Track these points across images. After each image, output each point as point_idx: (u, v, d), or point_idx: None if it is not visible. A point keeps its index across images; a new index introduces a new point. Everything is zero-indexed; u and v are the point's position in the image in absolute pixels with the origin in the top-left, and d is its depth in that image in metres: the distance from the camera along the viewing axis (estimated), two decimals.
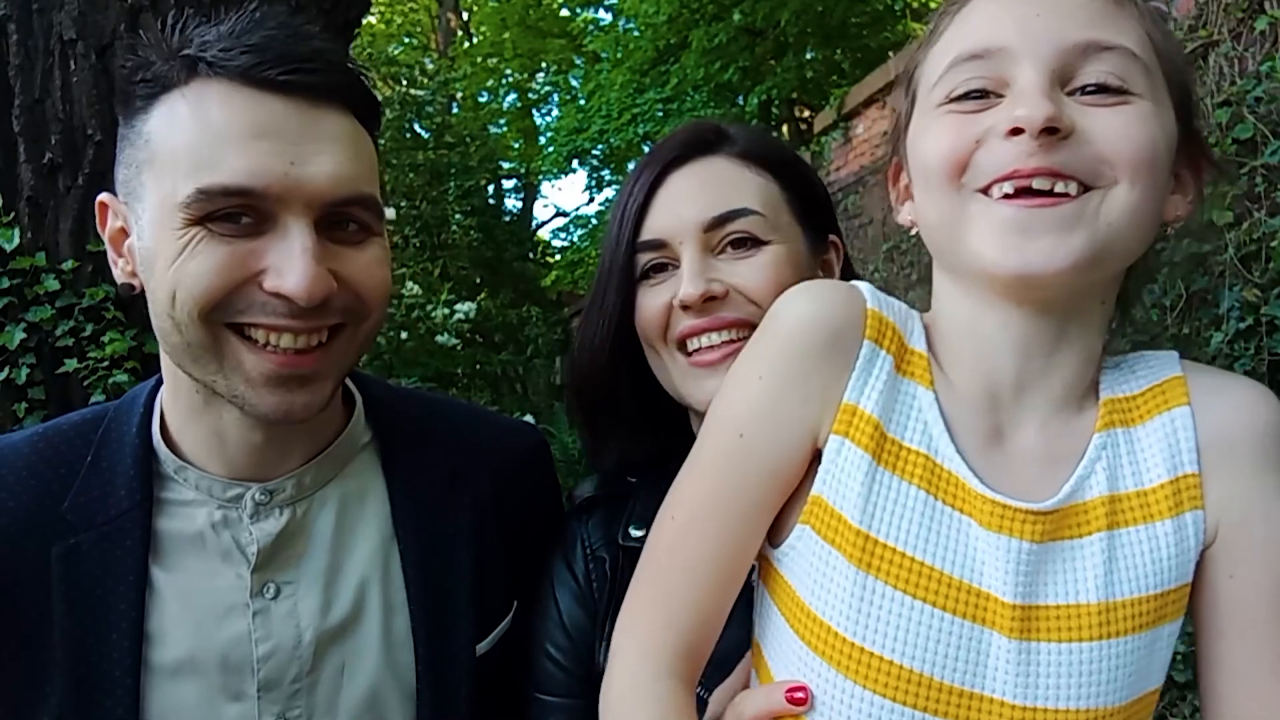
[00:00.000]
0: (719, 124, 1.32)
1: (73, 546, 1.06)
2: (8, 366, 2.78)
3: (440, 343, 10.89)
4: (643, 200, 1.24)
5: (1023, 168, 0.76)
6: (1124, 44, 0.80)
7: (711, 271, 1.20)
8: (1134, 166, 0.78)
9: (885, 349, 0.87)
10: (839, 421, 0.85)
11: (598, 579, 1.23)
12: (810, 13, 11.92)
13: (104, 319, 2.87)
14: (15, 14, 2.84)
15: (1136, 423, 0.87)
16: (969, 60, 0.82)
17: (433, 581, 1.19)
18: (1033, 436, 0.86)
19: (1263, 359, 4.16)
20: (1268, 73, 4.28)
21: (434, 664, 1.17)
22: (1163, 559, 0.83)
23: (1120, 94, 0.79)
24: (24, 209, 2.84)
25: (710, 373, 1.19)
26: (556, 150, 15.46)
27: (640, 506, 1.25)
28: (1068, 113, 0.78)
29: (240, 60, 1.00)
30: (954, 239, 0.83)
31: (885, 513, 0.83)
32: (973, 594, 0.80)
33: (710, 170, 1.24)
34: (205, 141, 1.00)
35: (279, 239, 1.01)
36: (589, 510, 1.29)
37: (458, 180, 14.08)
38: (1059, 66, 0.79)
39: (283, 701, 1.10)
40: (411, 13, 21.14)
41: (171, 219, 1.01)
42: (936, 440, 0.85)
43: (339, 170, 1.03)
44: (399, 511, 1.21)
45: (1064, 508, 0.84)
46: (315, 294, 1.00)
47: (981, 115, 0.81)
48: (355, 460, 1.23)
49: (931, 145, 0.84)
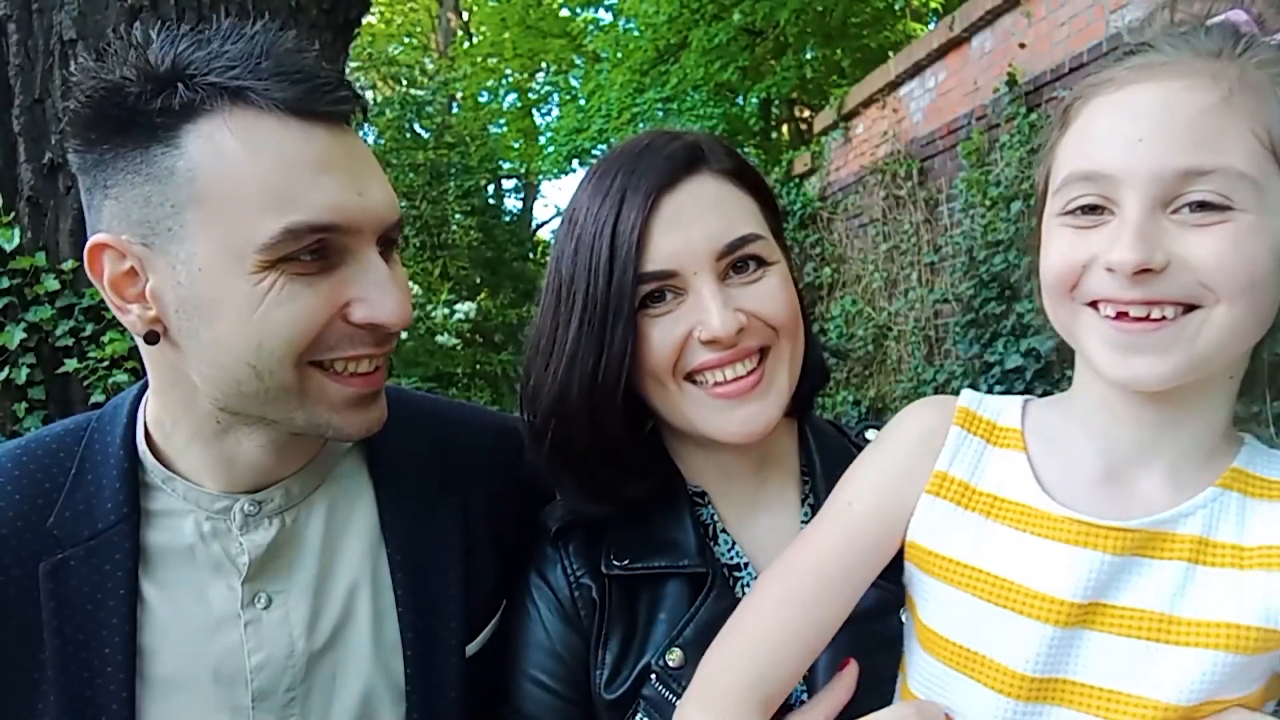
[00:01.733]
0: (683, 135, 1.24)
1: (60, 562, 1.04)
2: (8, 366, 2.79)
3: (440, 343, 10.90)
4: (641, 226, 1.15)
5: (1121, 298, 0.84)
6: (1227, 163, 0.82)
7: (733, 301, 1.15)
8: (1233, 290, 0.83)
9: (972, 432, 1.04)
10: (930, 484, 1.02)
11: (585, 606, 1.19)
12: (810, 12, 11.93)
13: (104, 319, 2.87)
14: (15, 14, 2.84)
15: (1258, 496, 0.94)
16: (1080, 180, 0.89)
17: (421, 585, 1.18)
18: (1156, 485, 0.94)
19: (1263, 358, 4.16)
20: None
21: (424, 666, 1.16)
22: (1246, 597, 0.88)
23: (1222, 210, 0.82)
24: (24, 209, 2.84)
25: (740, 403, 1.16)
26: (556, 150, 15.47)
27: (616, 534, 1.22)
28: (1165, 245, 0.83)
29: (288, 91, 0.97)
30: (1073, 339, 0.94)
31: (971, 543, 0.98)
32: (1037, 598, 0.92)
33: (707, 191, 1.18)
34: (278, 179, 0.96)
35: (358, 269, 1.03)
36: (565, 536, 1.24)
37: (458, 180, 14.09)
38: (1160, 193, 0.83)
39: (277, 711, 1.09)
40: (411, 13, 21.15)
41: (241, 263, 0.97)
42: (1025, 488, 0.98)
43: (391, 195, 1.07)
44: (387, 516, 1.20)
45: (1151, 530, 0.91)
46: (408, 317, 1.05)
47: (1092, 234, 0.88)
48: (341, 465, 1.22)
49: (1049, 260, 0.93)
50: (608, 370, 1.16)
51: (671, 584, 1.19)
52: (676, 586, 1.18)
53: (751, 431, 1.17)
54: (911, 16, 13.21)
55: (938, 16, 12.25)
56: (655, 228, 1.15)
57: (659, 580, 1.19)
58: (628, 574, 1.19)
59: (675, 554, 1.19)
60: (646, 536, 1.21)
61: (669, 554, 1.19)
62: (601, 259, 1.16)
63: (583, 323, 1.17)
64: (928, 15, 13.35)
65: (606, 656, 1.17)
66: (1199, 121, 0.83)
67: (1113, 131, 0.87)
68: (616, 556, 1.19)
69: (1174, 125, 0.83)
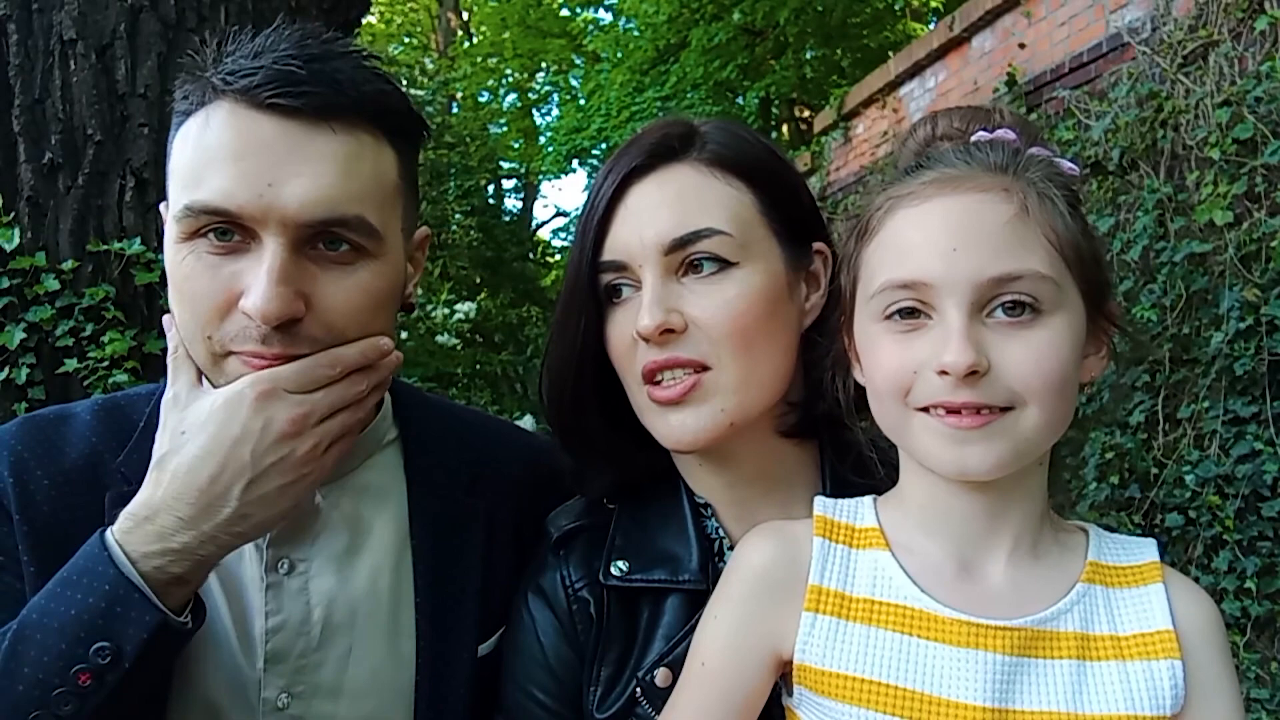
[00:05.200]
0: (690, 123, 1.19)
1: (124, 494, 1.08)
2: (8, 366, 2.79)
3: (440, 343, 10.92)
4: (604, 214, 1.13)
5: (953, 401, 0.92)
6: (1032, 267, 0.92)
7: (672, 299, 1.10)
8: (1042, 393, 0.92)
9: (834, 540, 1.05)
10: (808, 602, 1.01)
11: (582, 621, 1.16)
12: (810, 12, 11.93)
13: (104, 319, 2.87)
14: (15, 14, 2.84)
15: (1116, 586, 1.01)
16: (898, 288, 0.95)
17: (441, 580, 1.21)
18: (1001, 574, 1.00)
19: (1263, 359, 4.15)
20: (1268, 73, 4.28)
21: (434, 660, 1.19)
22: (1134, 688, 0.94)
23: (1034, 310, 0.92)
24: (24, 209, 2.84)
25: (671, 409, 1.12)
26: (556, 150, 15.48)
27: (620, 537, 1.19)
28: (985, 350, 0.91)
29: (242, 81, 1.02)
30: (904, 440, 1.00)
31: (863, 656, 0.98)
32: (951, 707, 0.93)
33: (675, 182, 1.13)
34: (198, 159, 1.03)
35: (256, 260, 1.02)
36: (567, 544, 1.21)
37: (458, 180, 14.10)
38: (976, 299, 0.91)
39: (288, 676, 1.13)
40: (411, 13, 21.13)
41: (170, 232, 1.06)
42: (899, 587, 1.00)
43: (317, 192, 1.02)
44: (416, 510, 1.23)
45: (1036, 629, 0.96)
46: (270, 313, 0.99)
47: (915, 340, 0.95)
48: (380, 455, 1.26)
49: (878, 368, 0.99)
50: (580, 363, 1.16)
51: (671, 599, 1.15)
52: (676, 602, 1.15)
53: (681, 438, 1.12)
54: (911, 16, 13.21)
55: (938, 16, 12.24)
56: (616, 217, 1.14)
57: (659, 595, 1.16)
58: (627, 585, 1.16)
59: (676, 568, 1.16)
60: (649, 547, 1.18)
61: (670, 567, 1.16)
62: (576, 245, 1.17)
63: (564, 307, 1.19)
64: (928, 15, 13.35)
65: (601, 674, 1.14)
66: (1004, 231, 0.92)
67: (926, 242, 0.94)
68: (617, 564, 1.16)
69: (983, 235, 0.92)
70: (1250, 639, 4.15)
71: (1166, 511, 4.51)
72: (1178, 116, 4.76)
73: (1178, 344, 4.53)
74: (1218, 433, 4.31)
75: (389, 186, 1.11)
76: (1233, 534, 4.17)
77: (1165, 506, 4.54)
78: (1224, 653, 1.00)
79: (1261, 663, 4.11)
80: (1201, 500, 4.33)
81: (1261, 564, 4.11)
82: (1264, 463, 4.09)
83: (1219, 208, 4.32)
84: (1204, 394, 4.37)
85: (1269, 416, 4.14)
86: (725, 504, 1.22)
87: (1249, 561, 4.13)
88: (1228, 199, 4.34)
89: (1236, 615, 4.14)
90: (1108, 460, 4.69)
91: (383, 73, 1.12)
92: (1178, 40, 4.79)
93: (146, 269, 2.91)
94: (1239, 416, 4.27)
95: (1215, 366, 4.31)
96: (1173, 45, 4.82)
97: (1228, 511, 4.19)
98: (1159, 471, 4.58)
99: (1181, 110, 4.74)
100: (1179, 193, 4.70)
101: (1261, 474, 4.10)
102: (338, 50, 1.08)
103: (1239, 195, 4.33)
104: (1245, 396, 4.26)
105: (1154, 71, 4.97)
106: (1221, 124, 4.43)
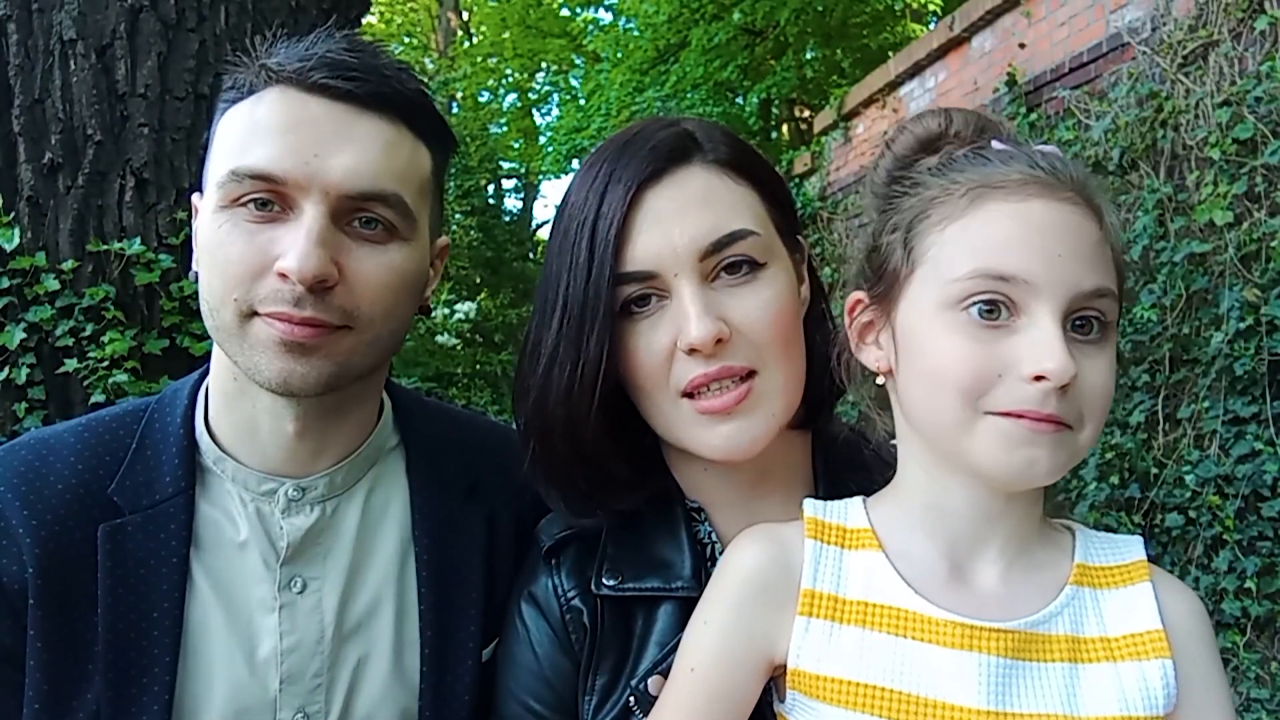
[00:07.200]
0: (679, 123, 1.15)
1: (119, 526, 1.09)
2: (8, 366, 2.78)
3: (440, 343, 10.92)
4: (620, 223, 1.07)
5: (1041, 411, 0.89)
6: (1113, 289, 0.94)
7: (716, 307, 1.06)
8: (1101, 416, 0.93)
9: (826, 541, 1.04)
10: (801, 607, 1.00)
11: (576, 630, 1.14)
12: (810, 12, 11.92)
13: (104, 319, 2.87)
14: (15, 14, 2.84)
15: (1104, 587, 1.01)
16: (995, 279, 0.91)
17: (444, 587, 1.21)
18: (993, 575, 1.00)
19: (1263, 359, 4.15)
20: (1268, 73, 4.28)
21: (439, 664, 1.19)
22: (1127, 689, 0.95)
23: (1102, 329, 0.94)
24: (24, 209, 2.84)
25: (720, 420, 1.08)
26: (556, 150, 15.46)
27: (611, 545, 1.17)
28: (1075, 361, 0.90)
29: (294, 67, 1.08)
30: (954, 440, 0.95)
31: (857, 659, 0.97)
32: (945, 709, 0.93)
33: (694, 184, 1.09)
34: (247, 131, 1.08)
35: (295, 225, 1.05)
36: (559, 553, 1.18)
37: (458, 180, 14.09)
38: (1069, 308, 0.91)
39: (303, 696, 1.13)
40: (411, 13, 21.12)
41: (209, 202, 1.09)
42: (892, 588, 0.99)
43: (360, 165, 1.07)
44: (418, 517, 1.24)
45: (1029, 633, 0.96)
46: (308, 271, 1.02)
47: (1001, 339, 0.91)
48: (382, 464, 1.27)
49: (951, 360, 0.93)
50: (584, 377, 1.08)
51: (665, 607, 1.14)
52: (669, 610, 1.13)
53: (735, 449, 1.09)
54: (911, 16, 13.20)
55: (938, 16, 12.24)
56: (636, 225, 1.07)
57: (653, 603, 1.14)
58: (619, 595, 1.14)
59: (668, 575, 1.14)
60: (641, 555, 1.16)
61: (662, 575, 1.14)
62: (581, 258, 1.08)
63: (561, 325, 1.10)
64: (928, 15, 13.35)
65: (596, 683, 1.13)
66: (1096, 248, 0.94)
67: (1027, 240, 0.92)
68: (609, 576, 1.14)
69: (1081, 247, 0.92)
70: (1250, 639, 4.15)
71: (1166, 511, 4.51)
72: (1178, 116, 4.76)
73: (1178, 344, 4.53)
74: (1218, 433, 4.31)
75: (423, 179, 1.16)
76: (1233, 534, 4.17)
77: (1165, 506, 4.54)
78: (1212, 648, 1.00)
79: (1261, 663, 4.11)
80: (1201, 500, 4.33)
81: (1261, 564, 4.11)
82: (1264, 463, 4.09)
83: (1219, 208, 4.32)
84: (1204, 394, 4.38)
85: (1269, 416, 4.14)
86: (725, 504, 1.20)
87: (1249, 561, 4.13)
88: (1228, 199, 4.34)
89: (1236, 615, 4.14)
90: (1108, 460, 4.69)
91: (424, 81, 1.19)
92: (1178, 40, 4.79)
93: (146, 269, 2.91)
94: (1239, 416, 4.27)
95: (1215, 366, 4.31)
96: (1173, 45, 4.82)
97: (1228, 511, 4.19)
98: (1159, 471, 4.58)
99: (1181, 110, 4.74)
100: (1179, 193, 4.70)
101: (1261, 474, 4.10)
102: (384, 51, 1.15)
103: (1239, 195, 4.33)
104: (1245, 396, 4.26)
105: (1154, 71, 4.97)
106: (1221, 124, 4.43)
